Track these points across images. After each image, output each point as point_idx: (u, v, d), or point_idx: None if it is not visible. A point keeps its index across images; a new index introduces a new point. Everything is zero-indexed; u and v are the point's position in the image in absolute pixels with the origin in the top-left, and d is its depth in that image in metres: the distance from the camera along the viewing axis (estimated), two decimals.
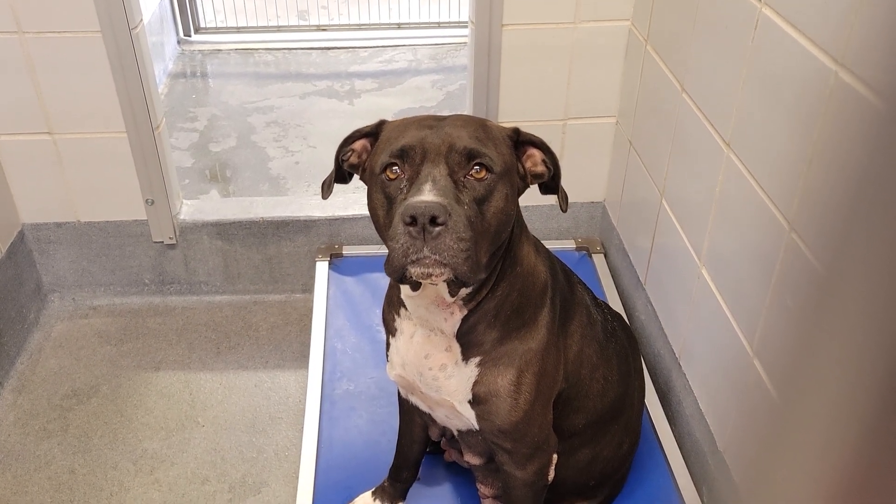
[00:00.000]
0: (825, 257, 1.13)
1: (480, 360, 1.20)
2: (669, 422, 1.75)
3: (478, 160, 1.05)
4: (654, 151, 1.86)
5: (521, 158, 1.16)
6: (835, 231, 1.01)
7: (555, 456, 1.31)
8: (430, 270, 1.00)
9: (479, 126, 1.10)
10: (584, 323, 1.32)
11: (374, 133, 1.18)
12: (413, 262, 0.99)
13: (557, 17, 1.98)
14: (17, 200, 2.17)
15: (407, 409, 1.45)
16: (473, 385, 1.20)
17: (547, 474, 1.31)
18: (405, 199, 1.01)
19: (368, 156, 1.19)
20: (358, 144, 1.21)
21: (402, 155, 1.06)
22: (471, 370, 1.20)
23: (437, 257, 0.98)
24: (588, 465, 1.42)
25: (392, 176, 1.07)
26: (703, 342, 1.61)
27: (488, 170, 1.05)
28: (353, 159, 1.22)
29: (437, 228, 0.97)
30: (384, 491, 1.55)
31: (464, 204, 1.02)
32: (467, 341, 1.20)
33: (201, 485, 1.82)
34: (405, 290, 1.18)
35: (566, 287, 1.30)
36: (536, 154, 1.17)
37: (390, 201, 1.07)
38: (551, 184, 1.20)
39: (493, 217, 1.06)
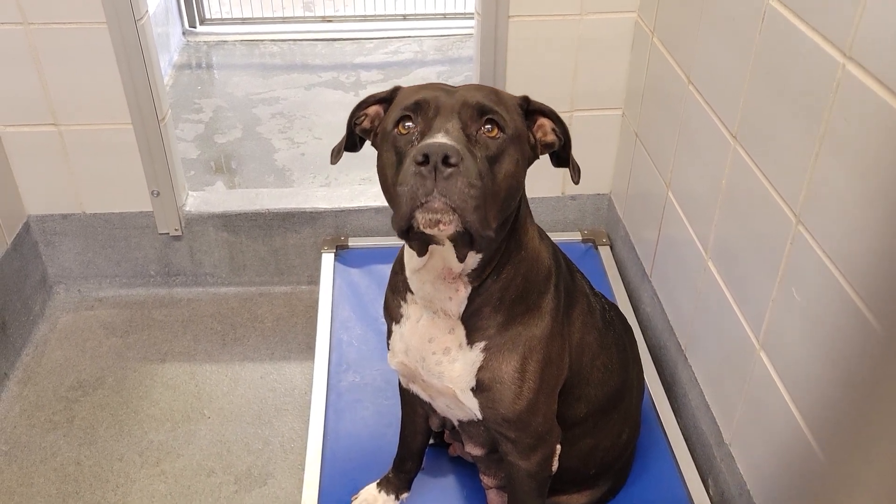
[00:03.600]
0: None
1: (486, 346, 1.19)
2: (675, 414, 1.75)
3: (490, 116, 1.04)
4: (661, 143, 1.85)
5: (531, 128, 1.15)
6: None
7: (558, 447, 1.31)
8: (439, 216, 0.97)
9: (492, 91, 1.10)
10: (585, 311, 1.32)
11: (388, 99, 1.17)
12: (421, 205, 0.97)
13: (564, 8, 1.97)
14: (23, 192, 2.17)
15: (408, 400, 1.45)
16: (478, 371, 1.20)
17: (550, 465, 1.31)
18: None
19: (381, 121, 1.17)
20: (371, 110, 1.19)
21: (416, 108, 1.05)
22: (475, 355, 1.19)
23: (447, 200, 0.95)
24: (588, 455, 1.42)
25: (404, 131, 1.05)
26: (708, 334, 1.61)
27: (500, 129, 1.04)
28: (366, 124, 1.20)
29: (450, 169, 0.95)
30: (389, 482, 1.55)
31: (476, 157, 1.00)
32: (472, 325, 1.19)
33: (207, 476, 1.83)
34: (411, 262, 1.17)
35: (568, 275, 1.30)
36: (546, 123, 1.16)
37: (400, 158, 1.05)
38: (563, 154, 1.18)
39: (504, 180, 1.04)
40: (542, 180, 2.24)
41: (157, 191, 2.17)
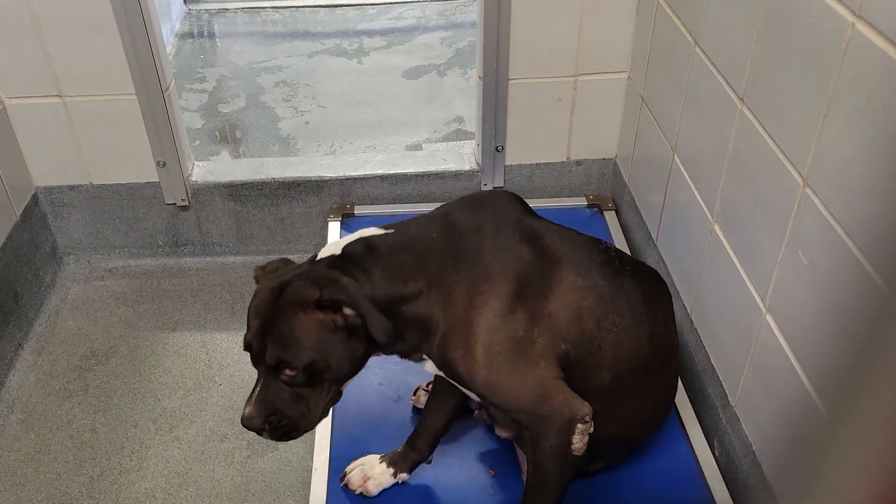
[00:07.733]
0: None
1: (440, 343, 1.29)
2: (681, 377, 1.76)
3: (282, 367, 1.20)
4: (667, 107, 1.85)
5: (341, 310, 1.21)
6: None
7: (580, 426, 1.27)
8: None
9: (277, 319, 1.21)
10: (571, 279, 1.31)
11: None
12: None
13: None
14: (30, 164, 2.18)
15: (438, 379, 1.48)
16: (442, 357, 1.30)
17: (569, 445, 1.28)
18: None
19: None
20: None
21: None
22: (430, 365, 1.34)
23: (280, 441, 1.29)
24: (632, 418, 1.45)
25: None
26: (714, 298, 1.62)
27: (293, 367, 1.19)
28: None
29: (263, 433, 1.24)
30: (394, 457, 1.54)
31: (284, 398, 1.22)
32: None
33: (220, 442, 1.85)
34: None
35: (526, 265, 1.30)
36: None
37: None
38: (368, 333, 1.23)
39: (328, 383, 1.25)
40: (546, 145, 2.23)
41: (164, 161, 2.18)
